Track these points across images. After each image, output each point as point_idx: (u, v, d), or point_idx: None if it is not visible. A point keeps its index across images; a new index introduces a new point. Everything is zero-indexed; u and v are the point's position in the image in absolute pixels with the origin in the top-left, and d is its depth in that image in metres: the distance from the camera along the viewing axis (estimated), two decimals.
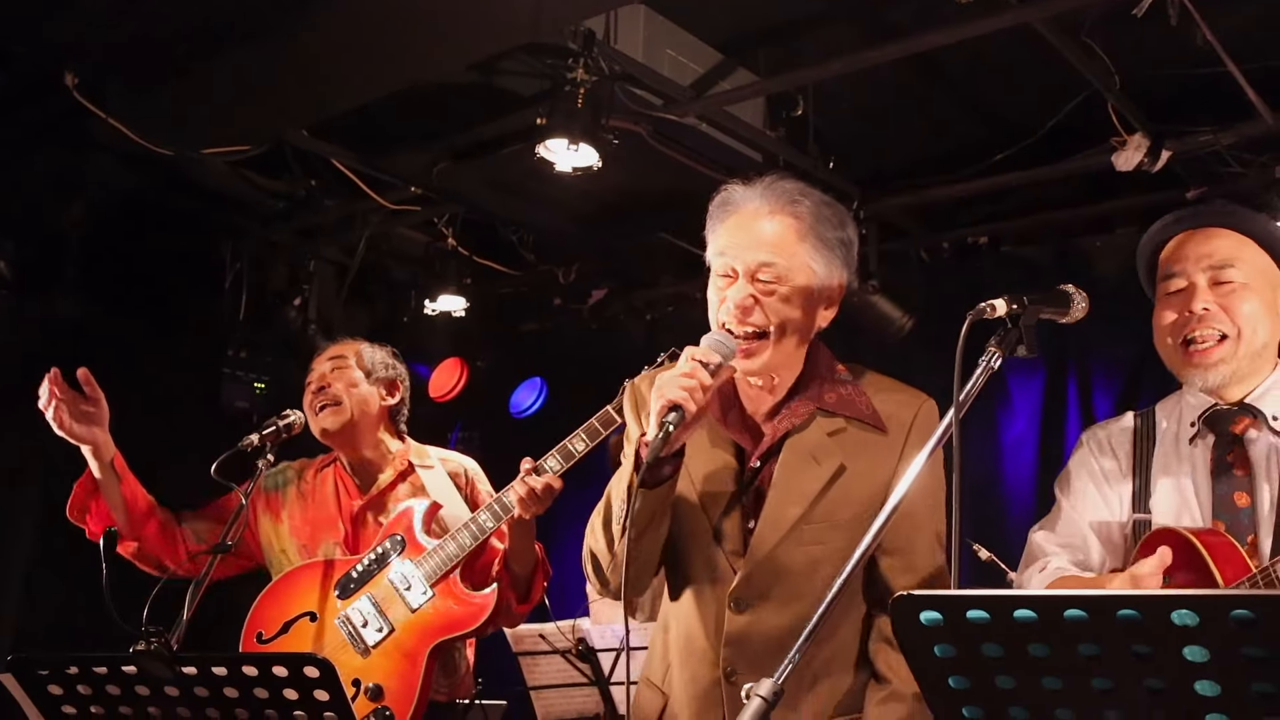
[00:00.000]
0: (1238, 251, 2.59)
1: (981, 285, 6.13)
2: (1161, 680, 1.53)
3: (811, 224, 2.62)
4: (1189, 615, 1.47)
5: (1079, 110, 5.10)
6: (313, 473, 4.01)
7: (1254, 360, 2.57)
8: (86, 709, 2.45)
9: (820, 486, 2.60)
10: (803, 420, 2.64)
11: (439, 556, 3.71)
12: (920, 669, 1.67)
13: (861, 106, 5.36)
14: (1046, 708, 1.62)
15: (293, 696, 2.32)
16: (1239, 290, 2.56)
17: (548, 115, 4.86)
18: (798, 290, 2.58)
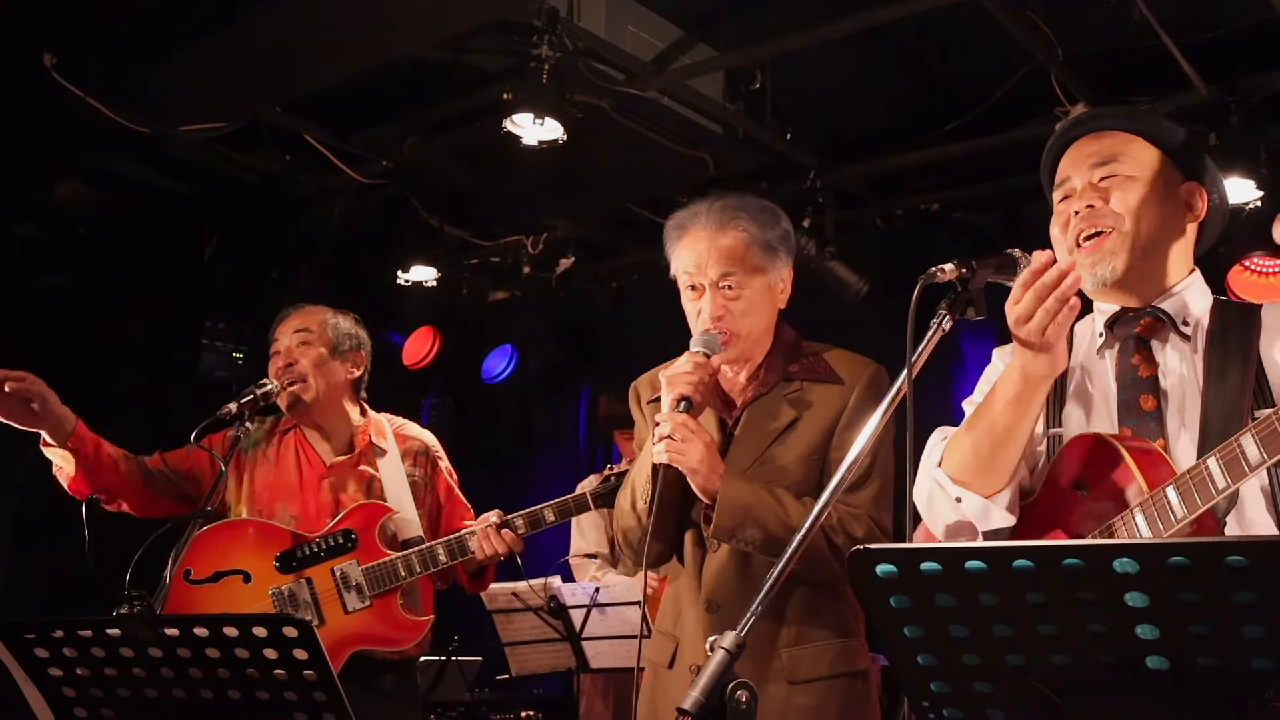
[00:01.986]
0: (1122, 147, 2.42)
1: (934, 251, 6.16)
2: (1104, 625, 1.54)
3: (755, 233, 2.97)
4: (1129, 564, 1.48)
5: (1025, 82, 5.11)
6: (276, 436, 3.91)
7: (1149, 257, 2.38)
8: (72, 671, 2.43)
9: (772, 438, 2.95)
10: (768, 388, 3.00)
11: (387, 571, 3.66)
12: (877, 620, 1.68)
13: (818, 79, 5.36)
14: (997, 654, 1.63)
15: (272, 655, 2.31)
16: (1123, 182, 2.39)
17: (514, 91, 4.84)
18: (755, 292, 2.96)
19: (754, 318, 2.96)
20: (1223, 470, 2.06)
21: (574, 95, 4.95)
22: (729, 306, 2.94)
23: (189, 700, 2.39)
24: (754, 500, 2.82)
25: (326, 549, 3.69)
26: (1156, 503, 2.15)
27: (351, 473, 3.84)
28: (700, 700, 1.77)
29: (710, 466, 2.81)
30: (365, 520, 3.72)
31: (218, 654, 2.33)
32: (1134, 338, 2.39)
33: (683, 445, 2.79)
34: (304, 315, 3.95)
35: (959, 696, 1.71)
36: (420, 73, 5.16)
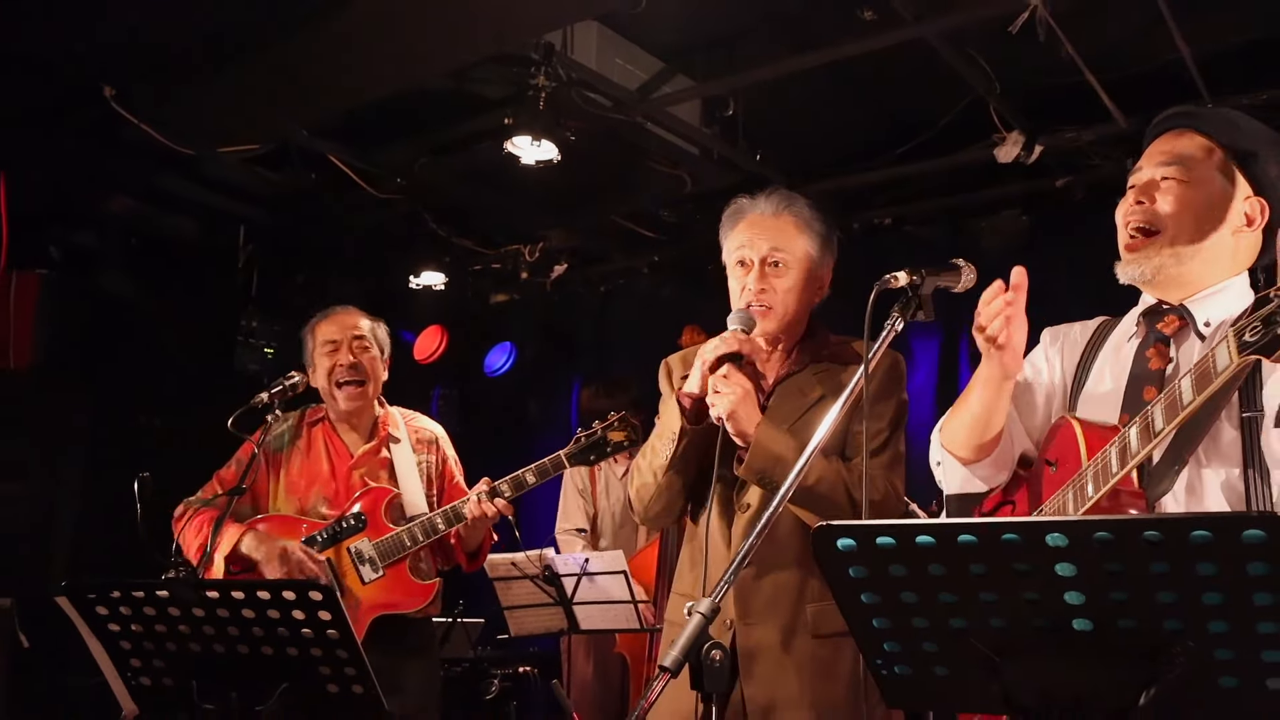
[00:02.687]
0: (1194, 152, 2.24)
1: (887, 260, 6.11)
2: (1037, 592, 1.55)
3: (808, 219, 2.90)
4: (1060, 538, 1.49)
5: (966, 111, 5.12)
6: (305, 428, 3.89)
7: (1188, 261, 2.22)
8: (128, 626, 2.47)
9: (801, 411, 2.82)
10: (800, 367, 2.90)
11: (394, 543, 3.68)
12: (837, 588, 1.69)
13: (785, 108, 5.36)
14: (942, 618, 1.65)
15: (300, 616, 2.32)
16: (1177, 187, 2.23)
17: (513, 116, 4.86)
18: (799, 274, 2.86)
19: (794, 298, 2.85)
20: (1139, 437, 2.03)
21: (567, 120, 4.95)
22: (773, 282, 2.84)
23: (227, 654, 2.42)
24: (785, 449, 2.70)
25: (341, 530, 3.70)
26: (1078, 483, 2.17)
27: (375, 460, 3.84)
28: (679, 659, 1.78)
29: (747, 412, 2.71)
30: (373, 502, 3.73)
31: (252, 614, 2.34)
32: (1156, 333, 2.26)
33: (722, 393, 2.69)
34: (351, 316, 3.93)
35: (909, 655, 1.73)
36: (431, 100, 5.15)
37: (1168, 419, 1.97)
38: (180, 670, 2.48)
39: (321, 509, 3.76)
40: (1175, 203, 2.22)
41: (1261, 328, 1.78)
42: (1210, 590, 1.46)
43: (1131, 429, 2.05)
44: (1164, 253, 2.21)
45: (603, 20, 4.72)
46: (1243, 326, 1.81)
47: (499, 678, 5.41)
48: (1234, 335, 1.82)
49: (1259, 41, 4.66)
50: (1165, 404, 1.98)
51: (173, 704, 2.53)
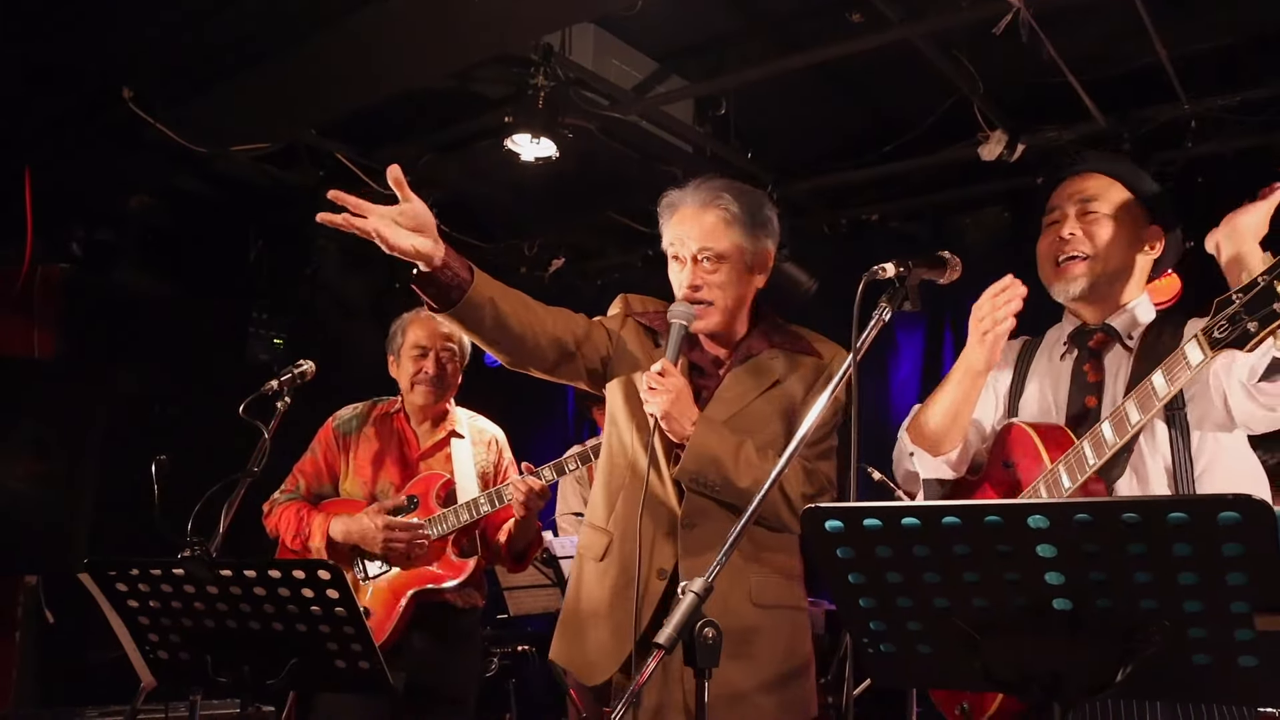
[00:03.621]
0: (1104, 190, 2.52)
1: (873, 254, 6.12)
2: (1018, 573, 1.56)
3: (737, 212, 2.79)
4: (1041, 519, 1.49)
5: (950, 111, 5.11)
6: (377, 416, 3.96)
7: (1112, 282, 2.50)
8: (146, 602, 2.49)
9: (755, 394, 2.79)
10: (754, 352, 2.85)
11: (441, 524, 3.74)
12: (825, 567, 1.69)
13: (774, 107, 5.34)
14: (927, 597, 1.65)
15: (309, 595, 2.33)
16: (1100, 220, 2.49)
17: (513, 114, 4.84)
18: (732, 267, 2.78)
19: (730, 291, 2.79)
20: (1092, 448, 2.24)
21: (565, 119, 4.93)
22: (706, 279, 2.77)
23: (240, 630, 2.43)
24: (721, 449, 2.67)
25: (395, 511, 3.75)
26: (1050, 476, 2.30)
27: (440, 453, 3.91)
28: (674, 637, 1.78)
29: (681, 412, 2.66)
30: (426, 486, 3.81)
31: (263, 592, 2.36)
32: (1087, 349, 2.51)
33: (656, 392, 2.65)
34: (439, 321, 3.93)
35: (894, 633, 1.73)
36: (433, 99, 5.14)
37: (1143, 411, 2.17)
38: (195, 645, 2.51)
39: (388, 493, 3.83)
40: (1101, 232, 2.49)
41: (1229, 325, 1.99)
42: (1185, 570, 1.46)
43: (1104, 425, 2.24)
44: (1097, 274, 2.48)
45: (599, 23, 4.71)
46: (1210, 326, 2.03)
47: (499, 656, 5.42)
48: (1203, 334, 2.05)
49: (1236, 45, 4.66)
50: (1138, 399, 2.18)
51: (188, 677, 2.56)
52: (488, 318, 2.64)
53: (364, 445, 3.92)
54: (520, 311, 2.71)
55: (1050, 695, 1.58)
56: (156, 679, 2.63)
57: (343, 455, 3.93)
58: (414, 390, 3.88)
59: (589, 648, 2.79)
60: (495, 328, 2.67)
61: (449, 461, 3.89)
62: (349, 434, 3.95)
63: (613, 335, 2.91)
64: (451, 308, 2.59)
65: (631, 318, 2.94)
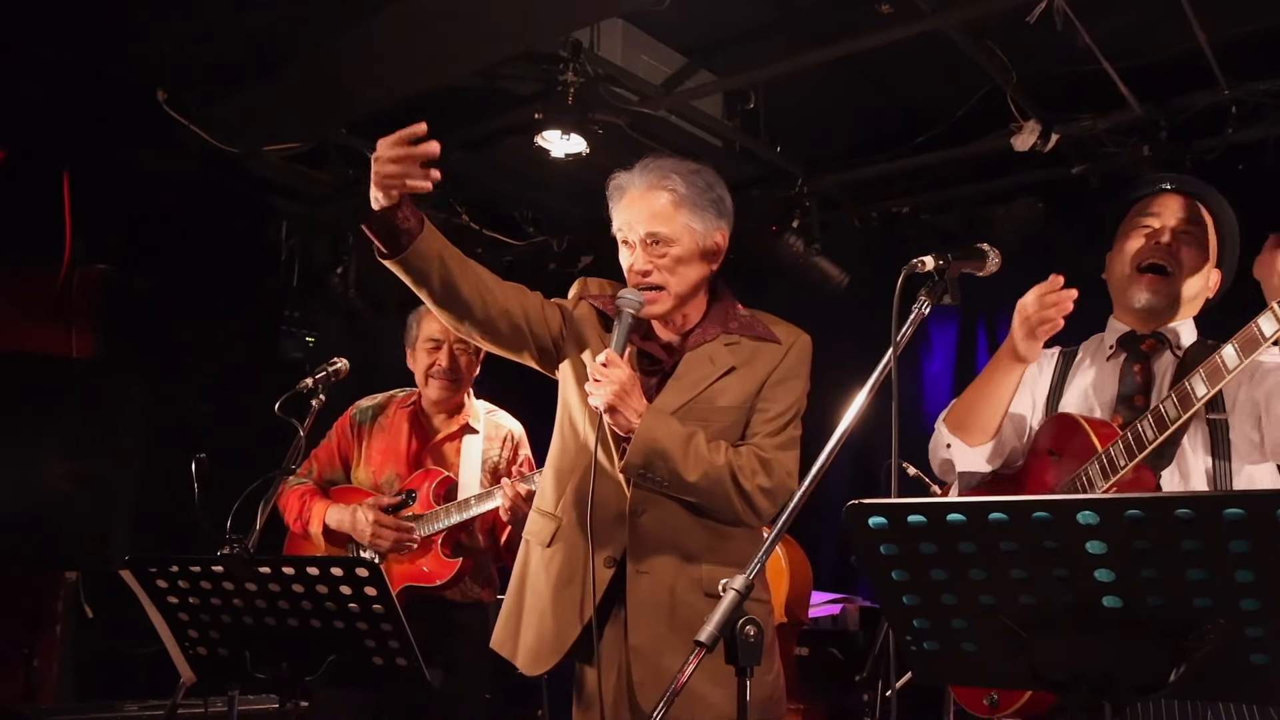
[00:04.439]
0: (1202, 220, 2.61)
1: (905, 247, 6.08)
2: (1067, 569, 1.52)
3: (685, 193, 2.70)
4: (1091, 515, 1.46)
5: (983, 101, 5.04)
6: (394, 408, 3.97)
7: (1180, 305, 2.58)
8: (186, 599, 2.51)
9: (709, 380, 2.69)
10: (710, 337, 2.75)
11: (432, 521, 3.73)
12: (867, 564, 1.66)
13: (804, 100, 5.29)
14: (972, 595, 1.62)
15: (346, 592, 2.34)
16: (1191, 242, 2.57)
17: (543, 111, 4.83)
18: (683, 251, 2.69)
19: (680, 275, 2.68)
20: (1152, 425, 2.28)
21: (595, 115, 4.91)
22: (655, 263, 2.68)
23: (278, 627, 2.45)
24: (668, 441, 2.56)
25: (392, 509, 3.76)
26: (1104, 458, 2.32)
27: (450, 446, 3.91)
28: (715, 634, 1.75)
29: (626, 404, 2.55)
30: (424, 481, 3.80)
31: (301, 589, 2.37)
32: (1139, 351, 2.58)
33: (601, 383, 2.55)
34: None
35: (938, 631, 1.70)
36: (462, 97, 5.12)
37: (1182, 409, 2.24)
38: (234, 641, 2.52)
39: (394, 484, 3.84)
40: (1190, 259, 2.57)
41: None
42: (1242, 567, 1.42)
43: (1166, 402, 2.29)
44: (1174, 294, 2.56)
45: (628, 18, 4.68)
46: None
47: None
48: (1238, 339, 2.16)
49: (1277, 27, 4.56)
50: (1178, 397, 2.25)
51: (227, 673, 2.59)
52: (435, 274, 2.59)
53: (377, 435, 3.93)
54: (471, 278, 2.66)
55: (1101, 695, 1.55)
56: (195, 675, 2.64)
57: (356, 444, 3.95)
58: (428, 384, 3.87)
59: (531, 636, 2.75)
60: (443, 287, 2.61)
61: (459, 455, 3.88)
62: (364, 423, 3.97)
63: (566, 316, 2.84)
64: (400, 254, 2.55)
65: (585, 299, 2.86)
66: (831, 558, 5.93)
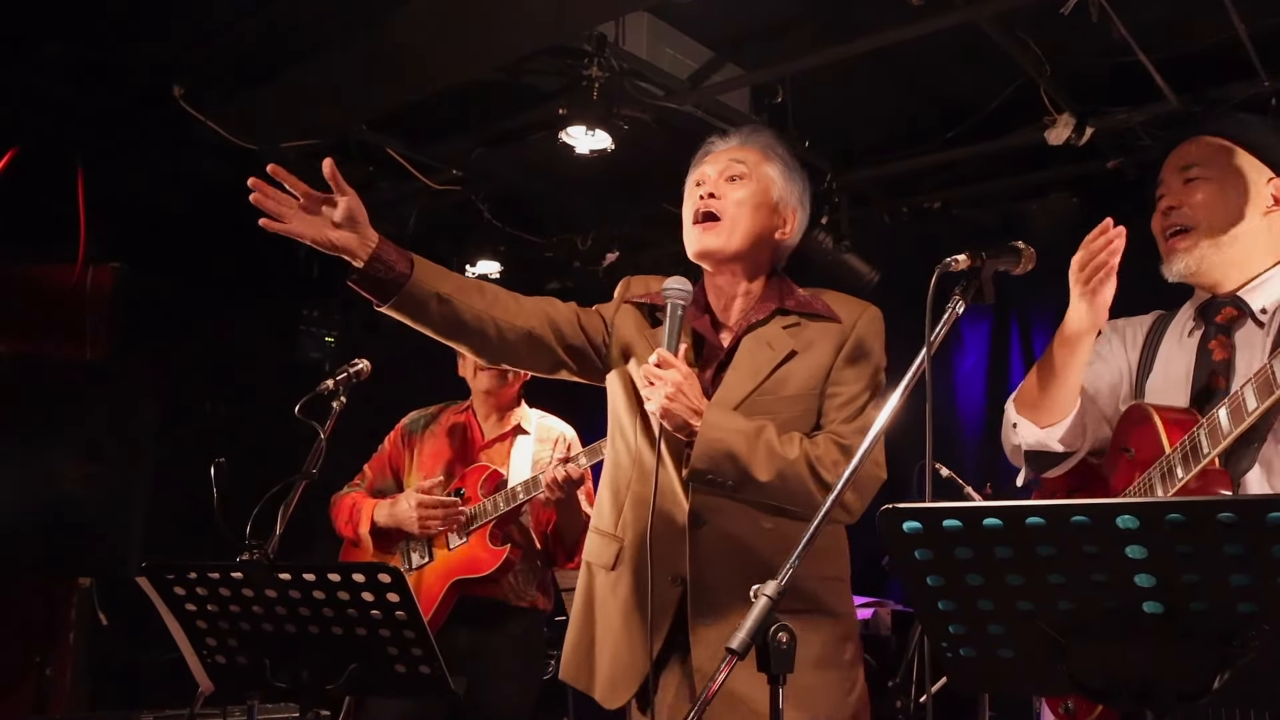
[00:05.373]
0: (1209, 153, 2.38)
1: (936, 244, 6.09)
2: (1106, 575, 1.52)
3: (780, 154, 2.69)
4: (1131, 520, 1.45)
5: (1016, 94, 5.02)
6: (448, 415, 4.07)
7: (1227, 249, 2.33)
8: (204, 606, 2.50)
9: (771, 367, 2.56)
10: (764, 316, 2.61)
11: (479, 514, 3.81)
12: (902, 569, 1.66)
13: (833, 94, 5.29)
14: (1009, 600, 1.61)
15: (369, 599, 2.33)
16: (1199, 184, 2.36)
17: (567, 106, 4.84)
18: (759, 191, 2.61)
19: (748, 213, 2.58)
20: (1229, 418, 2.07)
21: (620, 110, 4.92)
22: (728, 191, 2.59)
23: (299, 634, 2.43)
24: (735, 440, 2.43)
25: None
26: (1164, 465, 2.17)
27: (501, 446, 3.98)
28: (746, 641, 1.75)
29: (686, 405, 2.43)
30: (474, 479, 3.88)
31: (323, 596, 2.36)
32: (1215, 325, 2.36)
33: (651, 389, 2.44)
34: None
35: (974, 637, 1.69)
36: (485, 92, 5.16)
37: (1260, 398, 2.02)
38: (253, 649, 2.51)
39: (445, 485, 3.91)
40: (1202, 197, 2.34)
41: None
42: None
43: (1221, 410, 2.08)
44: (1203, 244, 2.33)
45: (653, 11, 4.68)
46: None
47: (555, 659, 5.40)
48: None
49: None
50: (1257, 385, 2.03)
51: (246, 681, 2.57)
52: (434, 311, 2.50)
53: (429, 443, 4.01)
54: (476, 303, 2.54)
55: (1142, 703, 1.55)
56: (213, 683, 2.64)
57: (407, 452, 4.03)
58: (478, 377, 3.95)
59: (605, 666, 2.64)
60: (445, 322, 2.53)
61: (510, 456, 3.95)
62: (415, 433, 4.06)
63: (608, 322, 2.74)
64: (390, 301, 2.48)
65: (628, 302, 2.75)
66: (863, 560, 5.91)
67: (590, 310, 2.77)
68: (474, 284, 2.60)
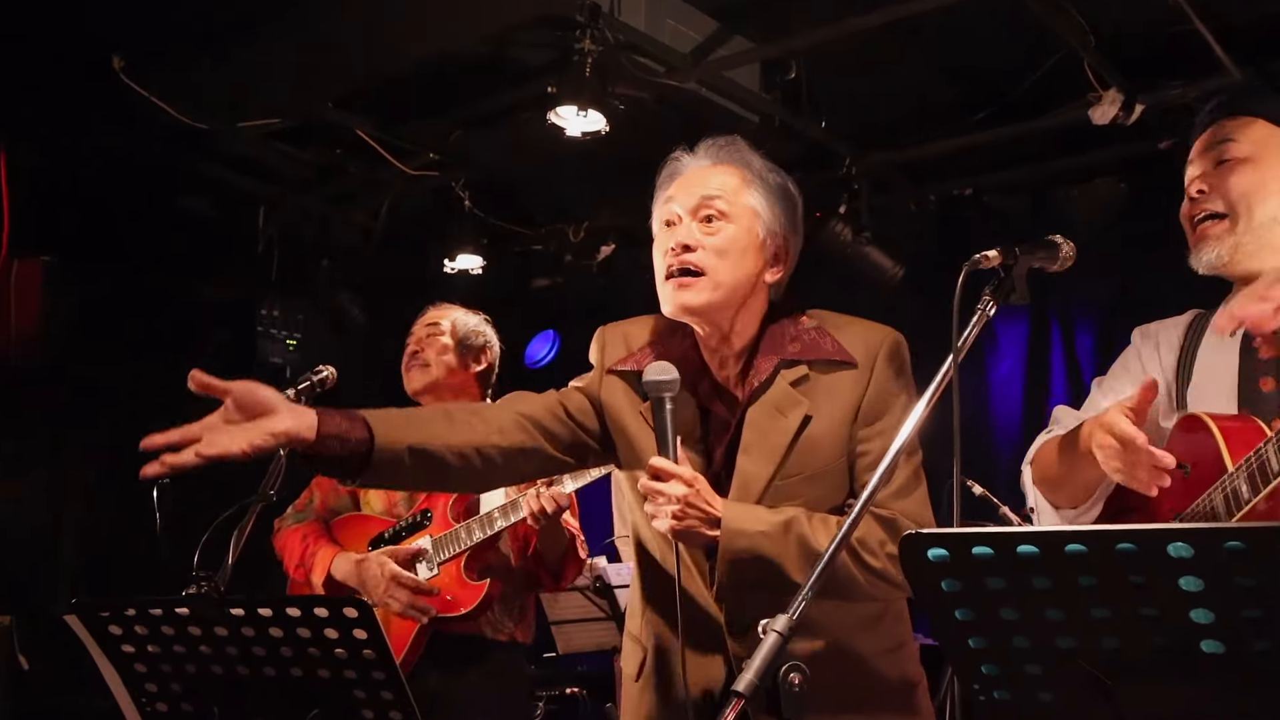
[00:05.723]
0: (1239, 130, 2.35)
1: (967, 235, 6.09)
2: (1157, 609, 1.50)
3: (758, 172, 2.53)
4: (1184, 548, 1.44)
5: (1056, 68, 5.02)
6: None
7: (1265, 234, 2.28)
8: (144, 647, 2.44)
9: (788, 440, 2.43)
10: (767, 375, 2.47)
11: (452, 542, 3.75)
12: (927, 602, 1.65)
13: (852, 69, 5.29)
14: (1048, 637, 1.60)
15: (333, 635, 2.31)
16: (1234, 165, 2.32)
17: (557, 84, 4.83)
18: (739, 233, 2.47)
19: (731, 263, 2.44)
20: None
21: (615, 87, 4.91)
22: (703, 240, 2.44)
23: (253, 677, 2.39)
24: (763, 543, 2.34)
25: (407, 528, 3.81)
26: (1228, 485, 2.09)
27: None
28: (754, 682, 1.74)
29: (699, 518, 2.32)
30: (441, 499, 3.83)
31: (280, 634, 2.33)
32: None
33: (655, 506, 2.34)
34: (437, 310, 4.12)
35: (1009, 678, 1.68)
36: (465, 67, 5.15)
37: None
38: (201, 694, 2.47)
39: (411, 501, 3.89)
40: (1239, 180, 2.29)
41: None
42: None
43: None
44: (1239, 231, 2.29)
45: None
46: None
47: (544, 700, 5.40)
48: None
49: None
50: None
51: None
52: (409, 468, 2.39)
53: None
54: (450, 438, 2.43)
55: None
56: None
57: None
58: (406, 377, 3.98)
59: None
60: (425, 472, 2.43)
61: None
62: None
63: (595, 401, 2.62)
64: (360, 475, 2.36)
65: (609, 373, 2.62)
66: None
67: (571, 392, 2.66)
68: (438, 414, 2.53)
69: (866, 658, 2.46)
